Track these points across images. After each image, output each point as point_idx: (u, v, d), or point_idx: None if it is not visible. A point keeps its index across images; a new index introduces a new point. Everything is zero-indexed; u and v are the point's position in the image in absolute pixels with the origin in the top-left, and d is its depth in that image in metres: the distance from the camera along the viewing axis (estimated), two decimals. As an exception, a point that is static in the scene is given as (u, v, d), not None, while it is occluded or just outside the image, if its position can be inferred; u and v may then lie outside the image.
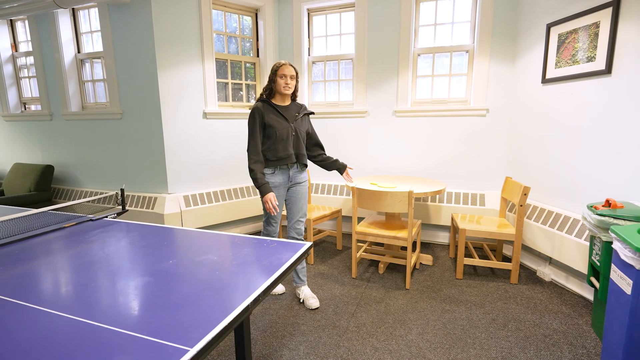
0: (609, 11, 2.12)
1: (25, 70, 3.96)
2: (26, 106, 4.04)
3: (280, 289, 2.47)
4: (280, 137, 2.14)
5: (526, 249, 2.91)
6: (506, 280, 2.65)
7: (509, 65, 3.01)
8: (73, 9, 3.46)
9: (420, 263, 2.96)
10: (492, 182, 3.19)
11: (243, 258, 1.34)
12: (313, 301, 2.28)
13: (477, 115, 3.15)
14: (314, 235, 3.35)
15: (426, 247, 3.36)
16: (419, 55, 3.34)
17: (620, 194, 2.10)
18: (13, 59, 3.95)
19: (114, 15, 3.11)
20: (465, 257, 2.68)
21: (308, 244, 1.47)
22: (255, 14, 3.66)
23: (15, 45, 3.93)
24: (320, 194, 3.69)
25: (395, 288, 2.55)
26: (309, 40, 3.71)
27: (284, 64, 2.12)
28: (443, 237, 3.42)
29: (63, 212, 2.12)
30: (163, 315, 0.94)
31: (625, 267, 1.53)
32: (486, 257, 2.94)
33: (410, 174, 3.45)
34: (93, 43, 3.52)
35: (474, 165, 3.23)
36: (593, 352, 1.83)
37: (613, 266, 1.64)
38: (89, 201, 2.95)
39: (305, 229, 2.89)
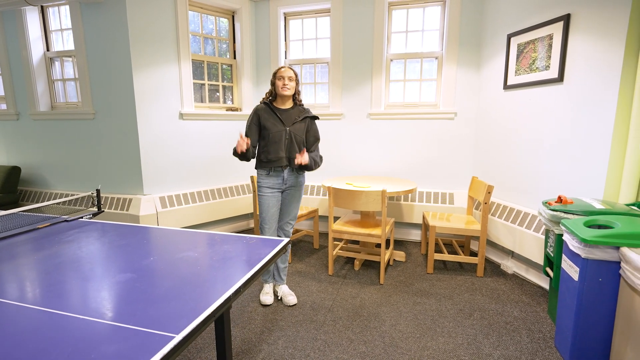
0: (560, 24, 2.32)
1: (-11, 67, 3.79)
2: (-11, 105, 3.87)
3: (269, 299, 2.35)
4: (272, 139, 2.17)
5: (491, 244, 3.10)
6: (473, 273, 2.82)
7: (475, 72, 3.20)
8: (42, 6, 3.36)
9: (394, 259, 3.09)
10: (461, 182, 3.38)
11: (223, 254, 1.39)
12: (291, 298, 2.34)
13: (446, 119, 3.33)
14: (292, 234, 3.41)
15: (399, 244, 3.50)
16: (391, 60, 3.48)
17: (572, 191, 2.30)
18: (-25, 55, 3.77)
19: (86, 13, 3.05)
20: (435, 252, 2.82)
21: (286, 240, 1.54)
22: (232, 17, 3.69)
23: (-23, 41, 3.75)
24: (297, 194, 3.75)
25: (370, 283, 2.65)
26: (285, 44, 3.78)
27: (282, 67, 2.19)
28: (415, 235, 3.57)
29: (34, 214, 2.08)
30: (147, 307, 0.98)
31: (573, 256, 1.70)
32: (455, 253, 3.11)
33: (384, 174, 3.58)
34: (63, 41, 3.43)
35: (443, 166, 3.41)
36: (548, 335, 2.00)
37: (563, 256, 1.81)
38: (63, 202, 2.88)
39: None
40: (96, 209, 2.08)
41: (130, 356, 0.77)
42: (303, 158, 2.11)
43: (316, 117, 2.33)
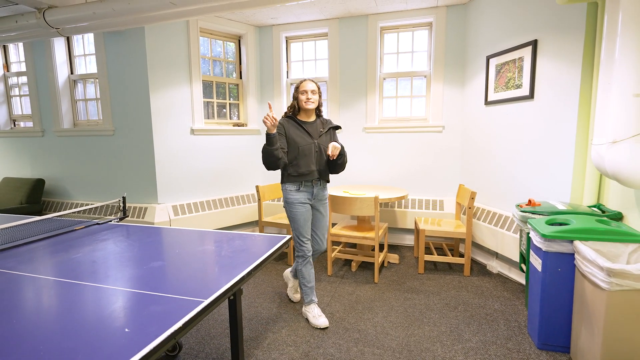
0: (529, 48, 2.63)
1: (17, 89, 4.16)
2: (16, 123, 4.22)
3: (323, 322, 2.22)
4: (302, 153, 2.14)
5: (478, 246, 3.35)
6: (460, 273, 3.06)
7: (459, 89, 3.51)
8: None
9: (388, 262, 3.33)
10: (449, 189, 3.65)
11: (235, 248, 1.66)
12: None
13: (435, 132, 3.62)
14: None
15: (394, 248, 3.75)
16: (384, 79, 3.80)
17: (544, 195, 2.57)
18: (5, 78, 4.14)
19: (109, 41, 3.41)
20: (426, 254, 3.07)
21: (287, 237, 1.81)
22: (239, 41, 4.04)
23: (7, 65, 4.13)
24: (299, 202, 4.03)
25: (366, 282, 2.90)
26: (287, 65, 4.12)
27: (304, 80, 2.17)
28: (409, 240, 3.82)
29: (66, 219, 2.37)
30: (180, 283, 1.26)
31: (537, 250, 1.96)
32: (445, 255, 3.35)
33: (378, 183, 3.86)
34: (86, 65, 3.78)
35: (433, 175, 3.68)
36: (523, 324, 2.24)
37: (531, 251, 2.07)
38: (90, 209, 3.17)
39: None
40: (122, 214, 2.37)
41: (172, 313, 1.04)
42: (334, 148, 2.07)
43: (338, 127, 2.34)
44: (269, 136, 2.03)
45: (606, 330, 1.56)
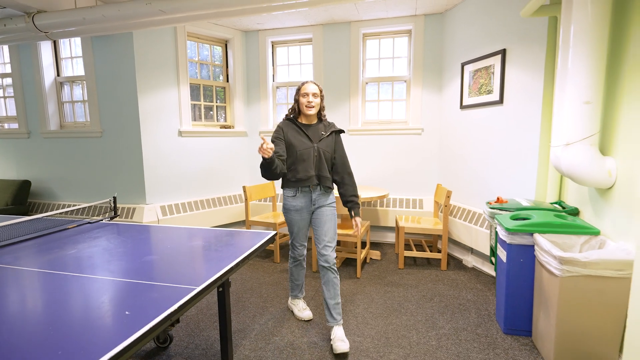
0: (499, 57, 2.83)
1: (1, 90, 4.15)
2: (0, 125, 4.20)
3: (307, 315, 2.32)
4: (300, 157, 2.04)
5: (455, 242, 3.54)
6: (438, 268, 3.24)
7: (437, 93, 3.70)
8: (54, 37, 3.76)
9: (371, 258, 3.49)
10: (428, 189, 3.83)
11: (224, 243, 1.78)
12: (341, 344, 1.94)
13: (415, 134, 3.80)
14: (279, 239, 3.79)
15: (376, 245, 3.90)
16: (366, 83, 3.97)
17: (511, 193, 2.76)
18: (-11, 79, 4.13)
19: (97, 44, 3.46)
20: (406, 251, 3.23)
21: (272, 232, 1.94)
22: (225, 45, 4.14)
23: (-9, 67, 4.12)
24: (285, 202, 4.15)
25: (349, 277, 3.04)
26: (273, 68, 4.24)
27: (306, 82, 2.06)
28: (391, 237, 3.99)
29: (57, 218, 2.43)
30: (172, 273, 1.37)
31: (502, 243, 2.14)
32: (424, 251, 3.53)
33: (361, 183, 4.02)
34: (73, 67, 3.82)
35: (413, 175, 3.86)
36: (492, 312, 2.42)
37: (498, 244, 2.25)
38: (79, 209, 3.21)
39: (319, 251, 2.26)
40: (112, 214, 2.45)
41: (168, 298, 1.16)
42: (359, 227, 2.12)
43: (342, 131, 2.20)
44: (265, 160, 1.86)
45: (559, 313, 1.74)
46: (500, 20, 2.81)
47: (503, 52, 2.78)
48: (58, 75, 3.83)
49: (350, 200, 2.14)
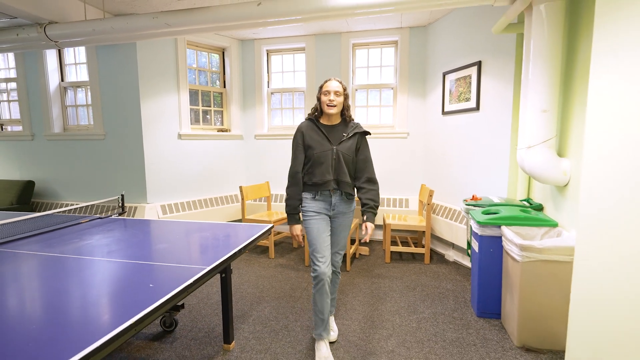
0: (475, 68, 3.10)
1: (5, 94, 4.30)
2: (3, 127, 4.36)
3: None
4: (317, 160, 1.91)
5: (437, 238, 3.79)
6: (422, 262, 3.49)
7: (422, 100, 3.97)
8: (59, 44, 3.95)
9: (360, 254, 3.72)
10: (414, 189, 4.09)
11: (226, 234, 2.00)
12: (332, 334, 2.07)
13: (401, 138, 4.06)
14: (274, 236, 4.00)
15: (366, 242, 4.14)
16: (356, 90, 4.22)
17: (486, 191, 3.03)
18: (-7, 84, 4.29)
19: (101, 52, 3.66)
20: (392, 246, 3.48)
21: (268, 225, 2.16)
22: (223, 53, 4.36)
23: (-5, 72, 4.28)
24: (279, 202, 4.37)
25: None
26: (268, 75, 4.47)
27: (328, 80, 1.92)
28: (379, 235, 4.23)
29: (66, 214, 2.62)
30: (184, 257, 1.59)
31: (475, 235, 2.39)
32: (409, 246, 3.77)
33: (352, 184, 4.25)
34: (77, 73, 4.01)
35: (399, 176, 4.12)
36: (468, 299, 2.66)
37: (472, 237, 2.50)
38: (87, 207, 3.38)
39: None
40: (120, 210, 2.64)
41: (183, 275, 1.37)
42: (368, 232, 1.92)
43: (367, 133, 2.03)
44: (287, 205, 1.96)
45: (521, 295, 1.99)
46: (477, 34, 3.08)
47: (479, 64, 3.05)
48: (62, 80, 4.01)
49: (366, 204, 1.96)
